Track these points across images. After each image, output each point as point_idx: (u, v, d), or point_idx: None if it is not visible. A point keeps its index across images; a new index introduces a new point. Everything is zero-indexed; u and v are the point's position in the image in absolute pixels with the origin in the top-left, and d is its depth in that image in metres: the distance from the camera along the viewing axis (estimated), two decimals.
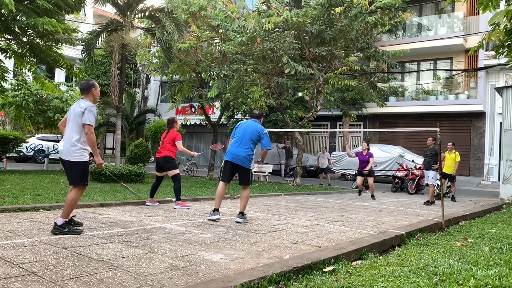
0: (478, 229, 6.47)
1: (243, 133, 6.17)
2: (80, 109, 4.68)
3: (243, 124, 6.35)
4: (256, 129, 6.18)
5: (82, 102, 4.78)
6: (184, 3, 15.39)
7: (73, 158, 4.66)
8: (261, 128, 6.23)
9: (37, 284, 2.92)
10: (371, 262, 3.98)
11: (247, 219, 6.19)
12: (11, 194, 7.53)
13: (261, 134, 6.15)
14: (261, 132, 6.16)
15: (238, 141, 6.15)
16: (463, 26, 20.82)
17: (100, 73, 25.51)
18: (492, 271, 3.64)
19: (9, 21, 10.93)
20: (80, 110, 4.67)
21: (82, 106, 4.70)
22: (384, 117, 22.15)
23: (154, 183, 7.69)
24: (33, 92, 15.18)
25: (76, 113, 4.70)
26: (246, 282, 3.01)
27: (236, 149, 6.11)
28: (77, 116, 4.68)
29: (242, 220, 6.04)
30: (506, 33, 5.73)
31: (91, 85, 4.88)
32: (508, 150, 11.78)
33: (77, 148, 4.67)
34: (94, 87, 4.90)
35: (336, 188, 14.71)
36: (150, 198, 7.59)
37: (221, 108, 17.95)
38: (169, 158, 7.48)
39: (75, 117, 4.70)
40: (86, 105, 4.71)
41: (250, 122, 6.35)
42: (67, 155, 4.68)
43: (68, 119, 4.79)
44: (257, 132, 6.14)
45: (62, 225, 4.59)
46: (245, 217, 6.13)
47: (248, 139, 6.11)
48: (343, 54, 14.15)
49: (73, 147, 4.66)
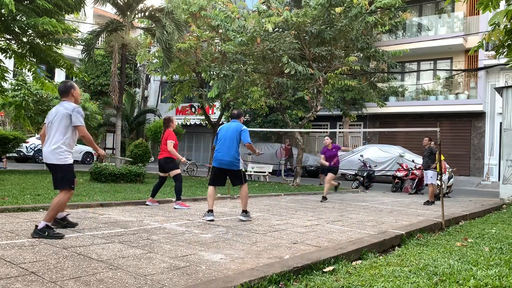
0: (478, 229, 6.47)
1: (225, 137, 6.24)
2: (67, 111, 4.56)
3: (223, 127, 6.41)
4: (236, 128, 6.25)
5: (67, 104, 4.65)
6: (184, 3, 15.39)
7: (58, 161, 4.53)
8: (240, 126, 6.29)
9: (37, 284, 2.92)
10: (371, 262, 3.98)
11: (250, 217, 6.24)
12: (11, 194, 7.53)
13: (240, 131, 6.21)
14: (240, 129, 6.23)
15: (221, 146, 6.21)
16: (463, 26, 20.82)
17: (100, 73, 25.51)
18: (492, 271, 3.64)
19: (9, 21, 10.94)
20: (67, 112, 4.55)
21: (69, 108, 4.58)
22: (384, 117, 22.15)
23: (157, 183, 7.71)
24: (33, 92, 15.19)
25: (61, 115, 4.56)
26: (246, 282, 3.01)
27: (221, 155, 6.18)
28: (64, 118, 4.55)
29: (246, 218, 6.10)
30: (506, 33, 5.73)
31: (69, 86, 4.77)
32: (508, 150, 11.77)
33: (62, 151, 4.55)
34: (73, 88, 4.78)
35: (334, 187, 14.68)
36: (151, 198, 7.60)
37: (221, 108, 17.96)
38: (168, 159, 7.51)
39: (61, 118, 4.55)
40: (72, 106, 4.61)
41: (229, 124, 6.42)
42: (52, 158, 4.53)
43: (50, 123, 4.63)
44: (237, 132, 6.21)
45: (42, 229, 4.36)
46: (248, 215, 6.19)
47: (230, 141, 6.17)
48: (343, 54, 14.15)
49: (58, 149, 4.53)
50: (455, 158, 19.89)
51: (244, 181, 6.27)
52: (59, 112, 4.61)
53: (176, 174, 7.50)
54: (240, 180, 6.25)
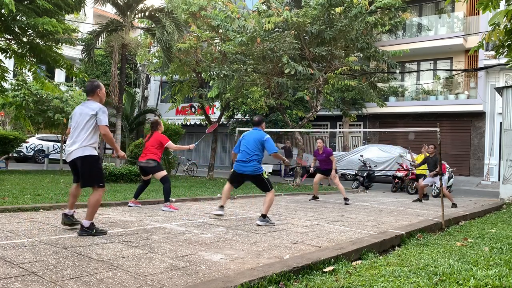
0: (478, 229, 6.47)
1: (247, 146, 6.15)
2: (92, 111, 4.64)
3: (246, 135, 6.32)
4: (258, 138, 6.16)
5: (92, 104, 4.73)
6: (184, 3, 15.39)
7: (85, 153, 4.61)
8: (263, 135, 6.18)
9: (37, 284, 2.92)
10: (371, 262, 3.98)
11: (271, 222, 5.95)
12: (11, 194, 7.53)
13: (263, 141, 6.12)
14: (263, 138, 6.13)
15: (244, 155, 6.13)
16: (463, 26, 20.82)
17: (100, 73, 25.50)
18: (492, 271, 3.64)
19: (9, 21, 10.92)
20: (92, 112, 4.63)
21: (94, 107, 4.66)
22: (384, 117, 22.15)
23: (141, 185, 7.46)
24: (33, 92, 15.18)
25: (86, 115, 4.64)
26: (246, 282, 3.01)
27: (243, 165, 6.09)
28: (89, 118, 4.64)
29: (263, 223, 5.86)
30: (506, 33, 5.73)
31: (95, 86, 4.84)
32: (508, 150, 11.77)
33: (90, 148, 4.67)
34: (99, 88, 4.86)
35: (336, 188, 14.69)
36: (134, 199, 7.33)
37: (221, 108, 17.95)
38: (151, 161, 7.15)
39: (87, 119, 4.63)
40: (98, 106, 4.69)
41: (251, 132, 6.33)
42: (80, 153, 4.60)
43: (75, 123, 4.71)
44: (259, 141, 6.13)
45: (90, 227, 4.56)
46: (266, 220, 5.92)
47: (253, 150, 6.10)
48: (343, 54, 14.14)
49: (87, 148, 4.63)
50: (455, 158, 19.90)
51: (269, 187, 6.09)
52: (83, 112, 4.68)
53: (162, 176, 7.15)
54: (266, 187, 6.10)
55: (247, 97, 16.15)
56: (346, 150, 21.40)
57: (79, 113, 4.72)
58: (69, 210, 4.90)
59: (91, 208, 4.61)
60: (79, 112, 4.73)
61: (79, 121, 4.67)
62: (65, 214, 4.87)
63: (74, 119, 4.76)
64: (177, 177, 14.73)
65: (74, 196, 4.93)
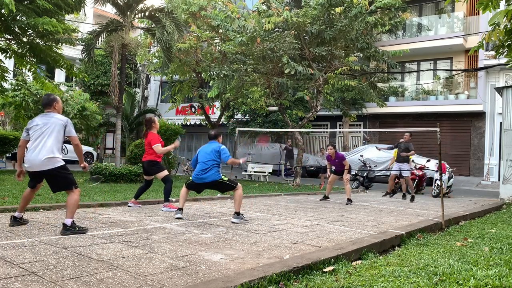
0: (478, 229, 6.47)
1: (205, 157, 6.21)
2: (61, 121, 4.79)
3: (202, 148, 6.41)
4: (214, 148, 6.26)
5: (57, 115, 4.87)
6: (184, 3, 15.40)
7: (56, 164, 4.71)
8: (219, 145, 6.32)
9: (37, 284, 2.92)
10: (371, 262, 3.98)
11: (244, 218, 6.13)
12: (11, 194, 7.53)
13: (219, 150, 6.23)
14: (219, 148, 6.25)
15: (202, 166, 6.16)
16: (463, 26, 20.82)
17: (100, 73, 25.51)
18: (492, 271, 3.64)
19: (9, 21, 10.93)
20: (62, 123, 4.79)
21: (63, 119, 4.85)
22: (384, 117, 22.15)
23: (142, 186, 7.43)
24: (33, 92, 15.18)
25: (55, 125, 4.75)
26: (246, 282, 3.01)
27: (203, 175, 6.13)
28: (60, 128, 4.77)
29: (238, 220, 6.00)
30: (506, 33, 5.73)
31: (52, 99, 4.93)
32: (508, 150, 11.77)
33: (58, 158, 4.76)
34: (56, 101, 4.95)
35: (336, 188, 14.70)
36: (134, 200, 7.31)
37: (221, 108, 17.96)
38: (152, 162, 7.14)
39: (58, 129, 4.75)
40: (65, 118, 4.89)
41: (208, 145, 6.41)
42: (49, 164, 4.68)
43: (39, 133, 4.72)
44: (215, 151, 6.22)
45: (72, 225, 4.67)
46: (241, 217, 6.07)
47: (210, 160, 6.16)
48: (343, 54, 14.14)
49: (55, 158, 4.71)
50: (455, 158, 19.89)
51: (233, 186, 6.20)
52: (51, 122, 4.78)
53: (164, 176, 7.15)
54: (230, 186, 6.22)
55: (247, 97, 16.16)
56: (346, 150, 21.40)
57: (43, 123, 4.78)
58: (19, 213, 4.98)
59: (71, 208, 4.74)
60: (43, 122, 4.78)
61: (45, 130, 4.73)
62: (14, 217, 4.94)
63: (35, 129, 4.77)
64: (177, 177, 14.73)
65: (28, 200, 5.03)
